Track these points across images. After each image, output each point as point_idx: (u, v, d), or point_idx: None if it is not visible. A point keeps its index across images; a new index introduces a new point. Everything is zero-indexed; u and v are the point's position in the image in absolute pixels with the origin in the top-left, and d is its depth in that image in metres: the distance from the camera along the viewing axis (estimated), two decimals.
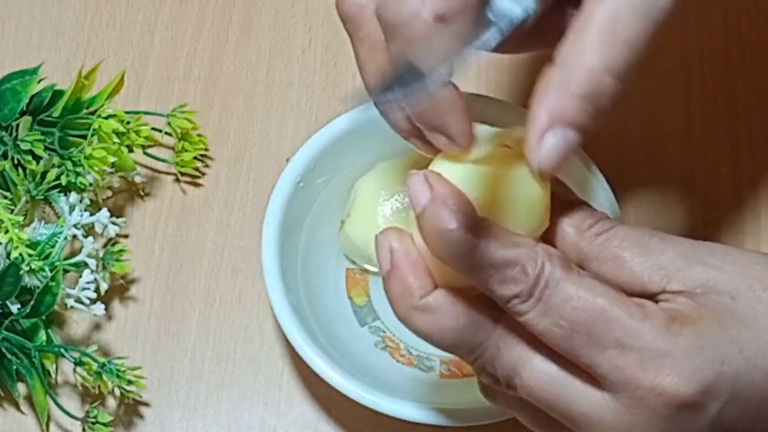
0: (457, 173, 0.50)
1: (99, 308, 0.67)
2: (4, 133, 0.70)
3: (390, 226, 0.51)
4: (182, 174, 0.74)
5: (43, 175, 0.69)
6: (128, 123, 0.69)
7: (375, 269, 0.68)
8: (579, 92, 0.49)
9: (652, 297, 0.50)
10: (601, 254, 0.50)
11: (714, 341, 0.48)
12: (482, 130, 0.52)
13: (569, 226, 0.51)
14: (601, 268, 0.50)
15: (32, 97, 0.71)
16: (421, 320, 0.50)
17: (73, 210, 0.68)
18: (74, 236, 0.68)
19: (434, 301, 0.49)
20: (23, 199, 0.69)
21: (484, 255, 0.48)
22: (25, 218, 0.68)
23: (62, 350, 0.66)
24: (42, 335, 0.67)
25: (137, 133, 0.69)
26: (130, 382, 0.65)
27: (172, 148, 0.74)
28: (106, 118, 0.68)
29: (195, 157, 0.73)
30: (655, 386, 0.47)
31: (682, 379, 0.47)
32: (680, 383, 0.47)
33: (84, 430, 0.66)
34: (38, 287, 0.65)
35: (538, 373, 0.49)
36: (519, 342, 0.50)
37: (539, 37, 0.55)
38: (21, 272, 0.65)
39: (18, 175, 0.69)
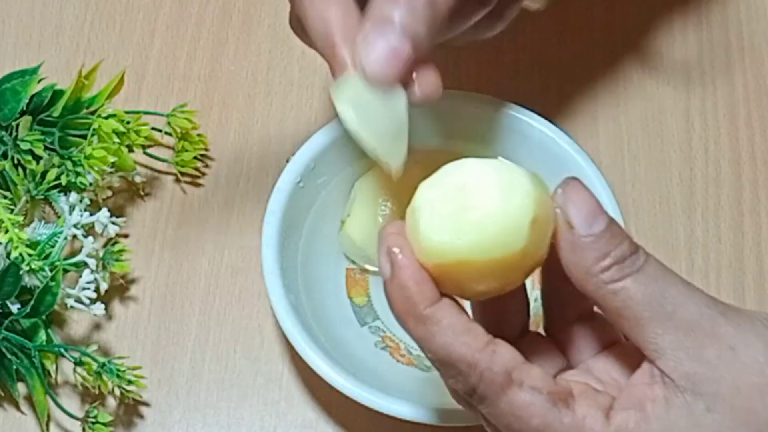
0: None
1: (99, 308, 0.67)
2: (4, 132, 0.70)
3: (390, 223, 0.50)
4: (182, 174, 0.74)
5: (43, 175, 0.69)
6: (128, 123, 0.69)
7: (375, 269, 0.68)
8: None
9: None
10: (604, 302, 0.48)
11: None
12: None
13: (578, 268, 0.48)
14: (601, 310, 0.49)
15: (32, 96, 0.71)
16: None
17: (73, 210, 0.68)
18: (74, 236, 0.68)
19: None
20: (23, 199, 0.69)
21: (431, 346, 0.48)
22: (25, 218, 0.68)
23: (62, 350, 0.66)
24: (42, 335, 0.67)
25: (137, 132, 0.69)
26: (130, 382, 0.65)
27: (172, 148, 0.74)
28: (106, 117, 0.68)
29: (195, 157, 0.73)
30: None
31: None
32: None
33: (84, 430, 0.66)
34: (38, 287, 0.65)
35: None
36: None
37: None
38: (21, 272, 0.65)
39: (18, 175, 0.69)
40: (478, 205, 0.47)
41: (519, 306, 0.53)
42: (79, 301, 0.67)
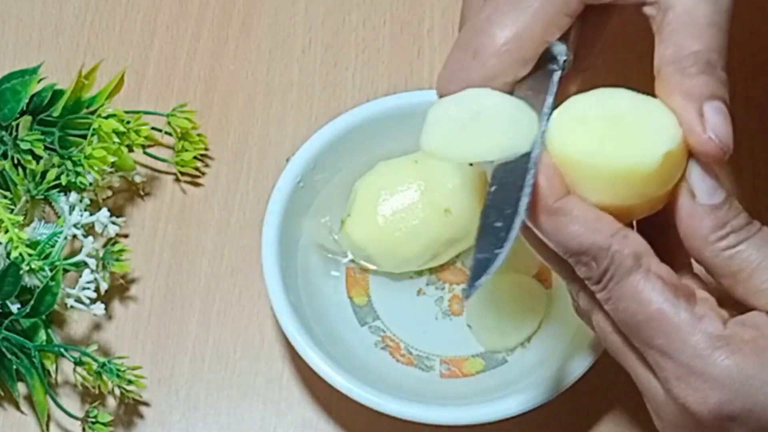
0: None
1: (99, 308, 0.67)
2: (4, 132, 0.70)
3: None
4: (182, 174, 0.74)
5: (43, 174, 0.69)
6: (128, 123, 0.69)
7: (375, 268, 0.68)
8: (698, 70, 0.52)
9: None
10: (720, 269, 0.51)
11: (757, 381, 0.48)
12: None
13: (695, 235, 0.51)
14: (717, 277, 0.51)
15: (32, 96, 0.71)
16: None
17: (73, 210, 0.68)
18: (74, 236, 0.68)
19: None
20: (23, 198, 0.69)
21: (561, 238, 0.50)
22: (25, 218, 0.68)
23: (62, 350, 0.66)
24: (42, 335, 0.67)
25: (137, 132, 0.69)
26: (130, 382, 0.65)
27: (172, 148, 0.74)
28: (106, 117, 0.68)
29: (195, 157, 0.73)
30: (682, 399, 0.49)
31: (707, 403, 0.49)
32: (703, 406, 0.49)
33: (84, 429, 0.66)
34: (38, 287, 0.65)
35: (601, 329, 0.53)
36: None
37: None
38: (21, 272, 0.65)
39: (18, 174, 0.69)
40: (627, 122, 0.51)
41: None
42: (79, 301, 0.67)
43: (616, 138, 0.50)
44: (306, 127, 0.75)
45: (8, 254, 0.65)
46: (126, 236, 0.72)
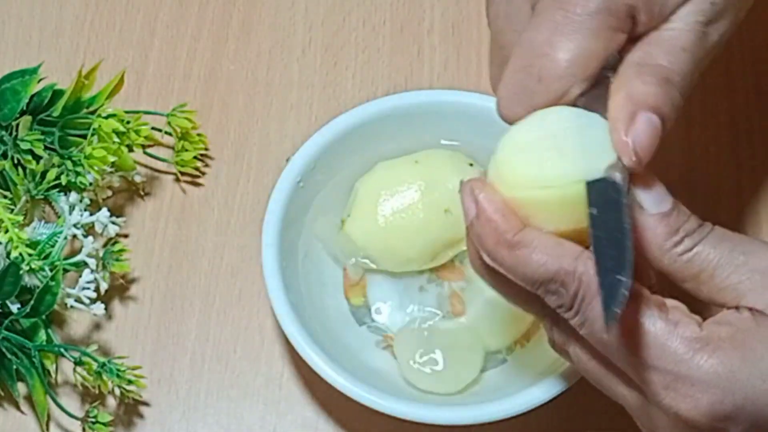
0: None
1: (99, 308, 0.67)
2: (4, 132, 0.70)
3: (472, 178, 0.52)
4: (182, 174, 0.74)
5: (43, 174, 0.69)
6: (128, 122, 0.69)
7: (374, 266, 0.68)
8: (653, 80, 0.52)
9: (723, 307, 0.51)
10: (680, 274, 0.51)
11: (743, 375, 0.48)
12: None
13: (651, 246, 0.51)
14: (679, 283, 0.51)
15: (32, 96, 0.71)
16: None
17: (73, 210, 0.68)
18: (74, 236, 0.68)
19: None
20: (23, 198, 0.69)
21: (527, 270, 0.50)
22: (25, 218, 0.68)
23: (62, 350, 0.66)
24: (42, 335, 0.67)
25: (137, 132, 0.69)
26: (130, 382, 0.65)
27: (172, 148, 0.74)
28: (106, 117, 0.68)
29: (195, 157, 0.73)
30: (674, 408, 0.49)
31: (699, 407, 0.48)
32: (696, 411, 0.49)
33: (84, 429, 0.66)
34: (38, 287, 0.65)
35: (580, 359, 0.52)
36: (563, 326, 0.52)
37: None
38: (21, 272, 0.65)
39: (18, 174, 0.69)
40: (565, 142, 0.51)
41: None
42: (79, 301, 0.67)
43: (556, 159, 0.50)
44: (306, 127, 0.75)
45: (8, 254, 0.65)
46: (126, 236, 0.72)
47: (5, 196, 0.68)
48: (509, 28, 0.57)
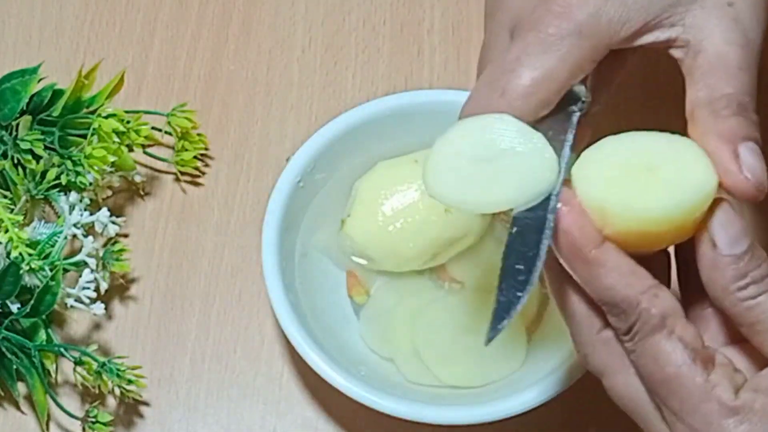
0: None
1: (99, 308, 0.67)
2: (4, 132, 0.70)
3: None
4: (182, 173, 0.74)
5: (43, 174, 0.69)
6: (128, 122, 0.69)
7: (375, 267, 0.68)
8: (731, 112, 0.52)
9: None
10: (738, 318, 0.51)
11: None
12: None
13: (715, 285, 0.51)
14: (737, 325, 0.51)
15: (32, 96, 0.71)
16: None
17: (73, 209, 0.68)
18: (74, 236, 0.68)
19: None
20: (23, 198, 0.69)
21: (597, 287, 0.51)
22: (25, 218, 0.68)
23: (62, 350, 0.66)
24: (42, 335, 0.67)
25: (137, 132, 0.69)
26: (130, 382, 0.65)
27: (172, 148, 0.74)
28: (106, 117, 0.68)
29: (195, 157, 0.73)
30: None
31: None
32: None
33: (84, 429, 0.66)
34: (38, 287, 0.65)
35: (623, 385, 0.53)
36: (619, 348, 0.52)
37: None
38: (21, 272, 0.65)
39: (18, 174, 0.69)
40: (659, 169, 0.50)
41: (661, 266, 0.55)
42: (79, 300, 0.67)
43: (648, 187, 0.50)
44: (306, 127, 0.75)
45: (8, 254, 0.65)
46: (126, 236, 0.72)
47: (5, 196, 0.68)
48: (489, 54, 0.58)
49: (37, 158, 0.69)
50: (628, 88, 0.71)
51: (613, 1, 0.53)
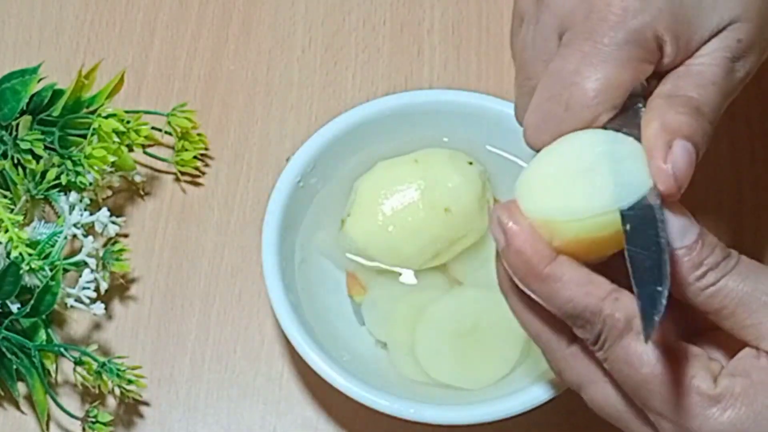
0: None
1: (99, 308, 0.67)
2: (4, 132, 0.70)
3: (500, 204, 0.52)
4: (182, 173, 0.74)
5: (43, 174, 0.69)
6: (128, 122, 0.69)
7: (373, 264, 0.68)
8: (685, 111, 0.52)
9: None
10: (703, 307, 0.51)
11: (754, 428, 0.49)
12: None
13: (674, 279, 0.50)
14: (703, 314, 0.51)
15: (32, 96, 0.71)
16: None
17: (73, 209, 0.68)
18: (74, 235, 0.68)
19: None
20: (23, 198, 0.69)
21: (556, 302, 0.51)
22: (25, 217, 0.68)
23: (62, 350, 0.66)
24: (42, 335, 0.67)
25: (137, 132, 0.69)
26: (130, 382, 0.65)
27: (172, 148, 0.74)
28: (106, 117, 0.68)
29: (195, 157, 0.73)
30: None
31: None
32: None
33: (84, 429, 0.66)
34: (38, 287, 0.65)
35: (601, 395, 0.53)
36: (590, 359, 0.52)
37: None
38: (21, 272, 0.65)
39: (18, 174, 0.69)
40: (596, 171, 0.51)
41: (621, 268, 0.54)
42: (79, 300, 0.67)
43: (588, 189, 0.50)
44: (306, 127, 0.75)
45: (8, 254, 0.65)
46: (126, 236, 0.72)
47: (5, 196, 0.68)
48: (537, 59, 0.58)
49: (37, 158, 0.69)
50: None
51: (664, 11, 0.54)
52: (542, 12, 0.57)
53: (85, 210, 0.68)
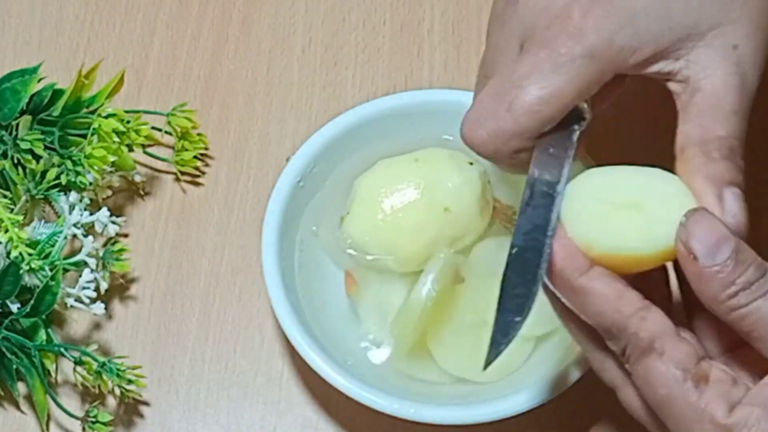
0: None
1: (99, 307, 0.67)
2: (4, 132, 0.70)
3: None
4: (182, 173, 0.74)
5: (43, 174, 0.69)
6: (128, 122, 0.69)
7: (374, 266, 0.68)
8: (721, 155, 0.54)
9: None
10: (734, 325, 0.51)
11: None
12: None
13: (704, 297, 0.50)
14: (735, 331, 0.51)
15: (32, 96, 0.71)
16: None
17: (73, 209, 0.68)
18: (74, 235, 0.68)
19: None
20: (23, 198, 0.69)
21: (587, 314, 0.52)
22: (25, 217, 0.68)
23: (62, 349, 0.66)
24: (42, 334, 0.67)
25: (137, 132, 0.69)
26: (130, 382, 0.65)
27: (172, 147, 0.74)
28: (106, 117, 0.68)
29: (195, 156, 0.73)
30: None
31: None
32: None
33: (84, 429, 0.66)
34: (38, 286, 0.65)
35: (630, 401, 0.54)
36: (620, 366, 0.53)
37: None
38: (21, 271, 0.65)
39: (18, 174, 0.69)
40: (645, 206, 0.52)
41: (659, 279, 0.55)
42: (79, 300, 0.67)
43: (634, 225, 0.51)
44: (306, 127, 0.75)
45: (8, 254, 0.65)
46: (126, 236, 0.72)
47: (5, 196, 0.68)
48: (496, 60, 0.58)
49: (37, 158, 0.69)
50: (625, 114, 0.72)
51: (626, 29, 0.54)
52: (510, 15, 0.58)
53: (85, 210, 0.68)
